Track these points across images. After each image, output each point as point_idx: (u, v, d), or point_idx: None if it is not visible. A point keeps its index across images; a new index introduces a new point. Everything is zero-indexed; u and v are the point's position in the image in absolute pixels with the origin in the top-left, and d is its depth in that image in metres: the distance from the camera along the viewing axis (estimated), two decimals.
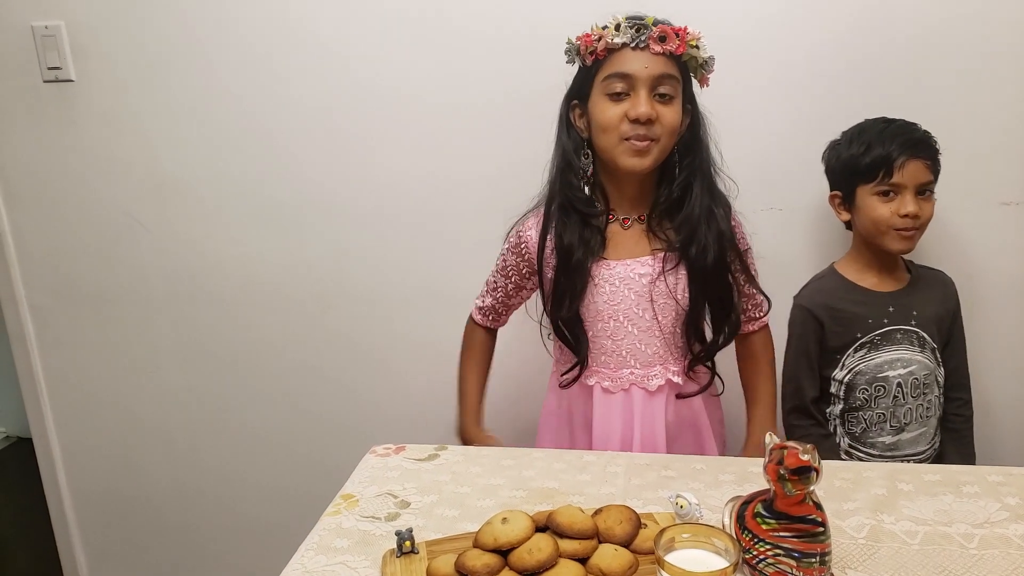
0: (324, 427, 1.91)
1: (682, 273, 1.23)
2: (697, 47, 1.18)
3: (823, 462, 0.80)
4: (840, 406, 1.40)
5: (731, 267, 1.26)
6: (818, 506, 0.81)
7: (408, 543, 0.90)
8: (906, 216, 1.31)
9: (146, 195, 1.82)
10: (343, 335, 1.85)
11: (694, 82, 1.23)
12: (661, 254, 1.24)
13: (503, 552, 0.85)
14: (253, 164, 1.76)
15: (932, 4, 1.48)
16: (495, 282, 1.37)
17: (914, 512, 0.99)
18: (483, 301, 1.40)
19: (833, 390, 1.40)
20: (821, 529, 0.80)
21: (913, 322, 1.38)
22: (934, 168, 1.34)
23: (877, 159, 1.32)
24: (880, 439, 1.39)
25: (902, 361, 1.37)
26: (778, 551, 0.80)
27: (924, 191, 1.33)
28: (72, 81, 1.75)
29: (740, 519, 0.86)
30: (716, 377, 1.35)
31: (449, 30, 1.62)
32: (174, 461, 2.00)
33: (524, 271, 1.31)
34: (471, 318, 1.44)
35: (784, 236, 1.59)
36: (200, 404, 1.95)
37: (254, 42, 1.68)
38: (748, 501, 0.86)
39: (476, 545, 0.87)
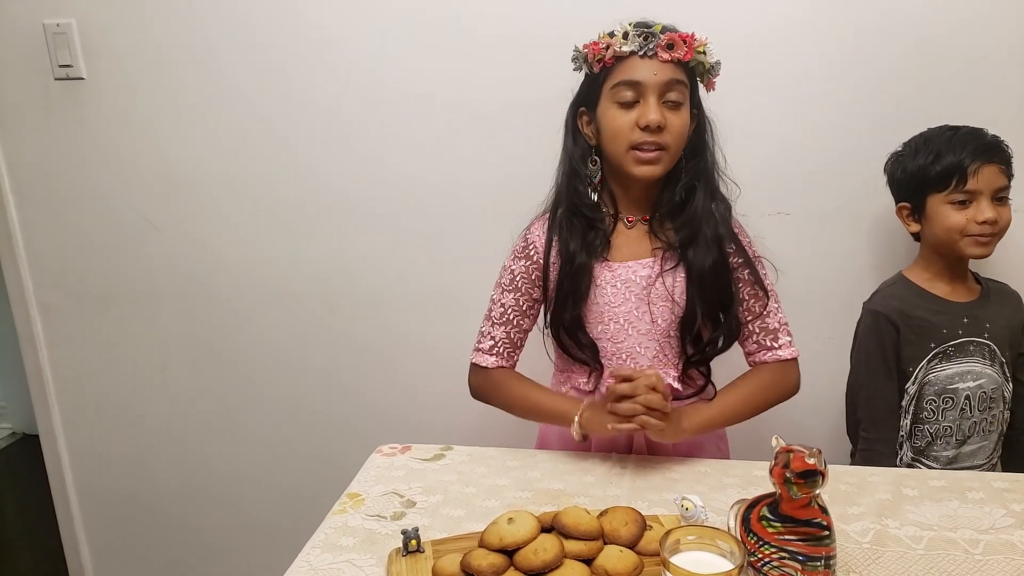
0: (331, 427, 1.92)
1: (681, 274, 1.23)
2: (704, 53, 1.18)
3: (829, 466, 0.80)
4: (908, 419, 1.37)
5: (736, 269, 1.25)
6: (823, 510, 0.81)
7: (414, 542, 0.91)
8: (984, 223, 1.28)
9: (156, 194, 1.82)
10: (350, 336, 1.85)
11: (700, 87, 1.23)
12: (661, 253, 1.24)
13: (508, 552, 0.85)
14: (263, 165, 1.77)
15: (939, 11, 1.49)
16: (502, 306, 1.30)
17: (919, 517, 0.99)
18: (491, 340, 1.30)
19: (903, 403, 1.37)
20: (826, 533, 0.80)
21: (986, 335, 1.35)
22: (1008, 172, 1.31)
23: (949, 167, 1.29)
24: (944, 453, 1.37)
25: (972, 374, 1.35)
26: (783, 554, 0.80)
27: (1000, 196, 1.30)
28: (83, 79, 1.76)
29: (745, 522, 0.86)
30: (710, 385, 1.30)
31: (459, 33, 1.62)
32: (181, 460, 2.01)
33: (533, 276, 1.29)
34: (476, 369, 1.32)
35: (792, 240, 1.59)
36: (207, 403, 1.96)
37: (265, 43, 1.69)
38: (753, 504, 0.86)
39: (482, 545, 0.87)
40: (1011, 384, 1.40)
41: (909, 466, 1.39)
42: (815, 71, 1.54)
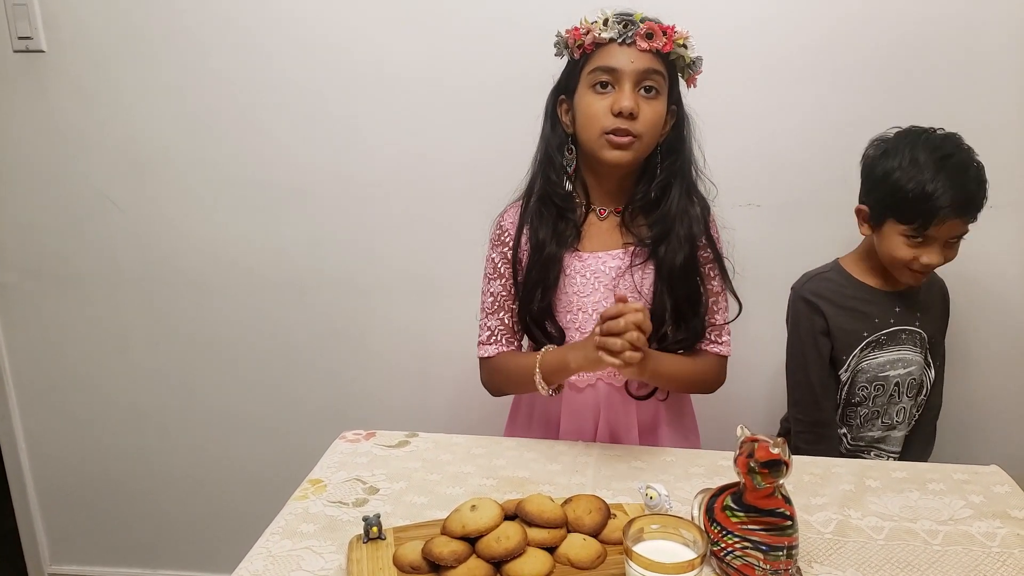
0: (297, 412, 1.90)
1: (650, 270, 1.23)
2: (685, 46, 1.17)
3: (793, 457, 0.80)
4: (841, 404, 1.40)
5: (703, 270, 1.24)
6: (787, 500, 0.81)
7: (375, 529, 0.89)
8: (927, 265, 1.28)
9: (119, 173, 1.78)
10: (318, 319, 1.83)
11: (681, 83, 1.22)
12: (632, 248, 1.24)
13: (471, 539, 0.84)
14: (232, 144, 1.73)
15: (917, 8, 1.50)
16: (491, 295, 1.30)
17: (880, 508, 1.00)
18: (488, 330, 1.30)
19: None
20: (789, 523, 0.80)
21: (917, 323, 1.38)
22: (972, 219, 1.28)
23: (920, 205, 1.24)
24: (869, 433, 1.40)
25: (904, 361, 1.37)
26: (746, 543, 0.80)
27: (954, 240, 1.29)
28: (43, 52, 1.71)
29: (709, 511, 0.86)
30: None
31: (438, 16, 1.60)
32: (142, 444, 1.98)
33: (511, 261, 1.29)
34: (482, 362, 1.31)
35: (763, 232, 1.60)
36: (170, 386, 1.93)
37: (236, 19, 1.65)
38: (717, 494, 0.86)
39: (444, 532, 0.86)
40: (931, 371, 1.43)
41: (848, 450, 1.42)
42: (790, 64, 1.55)
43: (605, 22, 1.15)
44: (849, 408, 1.40)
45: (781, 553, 0.80)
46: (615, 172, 1.22)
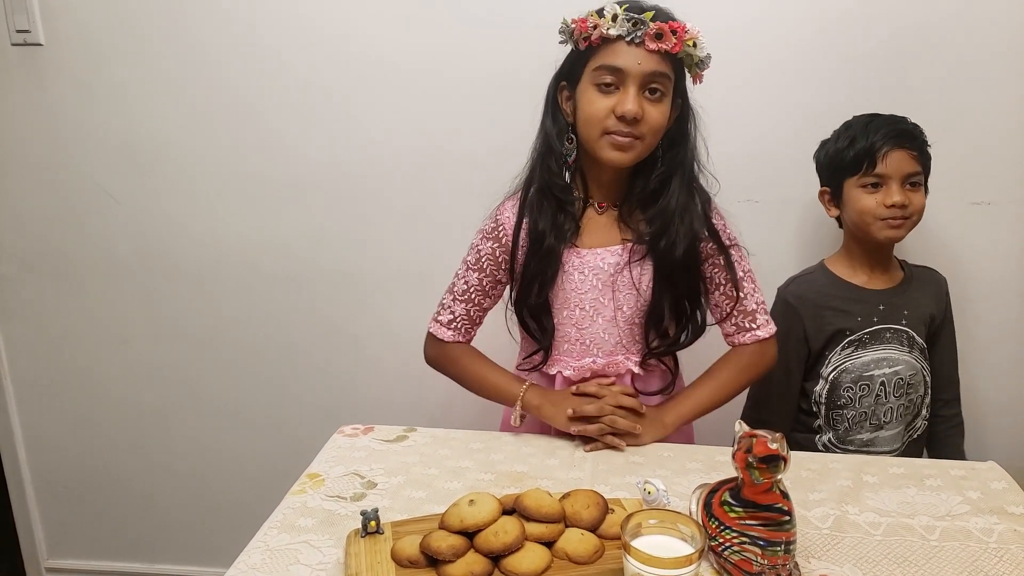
0: (295, 406, 1.90)
1: (648, 266, 1.22)
2: (695, 46, 1.14)
3: (791, 452, 0.80)
4: (824, 406, 1.40)
5: (707, 262, 1.24)
6: (785, 495, 0.81)
7: (373, 523, 0.89)
8: (892, 206, 1.30)
9: (117, 167, 1.78)
10: (317, 314, 1.83)
11: (687, 76, 1.20)
12: (630, 244, 1.23)
13: (469, 534, 0.84)
14: (231, 137, 1.73)
15: (913, 5, 1.49)
16: (466, 283, 1.28)
17: (878, 504, 1.00)
18: (450, 313, 1.30)
19: (817, 388, 1.39)
20: (787, 518, 0.80)
21: (904, 322, 1.38)
22: (921, 160, 1.33)
23: (861, 151, 1.32)
24: (859, 436, 1.39)
25: (888, 360, 1.37)
26: (744, 539, 0.80)
27: (912, 182, 1.32)
28: (41, 45, 1.70)
29: (707, 506, 0.86)
30: (679, 378, 1.32)
31: (438, 10, 1.60)
32: (139, 438, 1.98)
33: (500, 259, 1.28)
34: (433, 340, 1.32)
35: (761, 228, 1.60)
36: (168, 381, 1.93)
37: (236, 12, 1.65)
38: (715, 489, 0.86)
39: (442, 527, 0.86)
40: (930, 369, 1.43)
41: (824, 446, 1.42)
42: (790, 60, 1.55)
43: (614, 18, 1.10)
44: (835, 411, 1.40)
45: (779, 548, 0.80)
46: (614, 167, 1.21)
